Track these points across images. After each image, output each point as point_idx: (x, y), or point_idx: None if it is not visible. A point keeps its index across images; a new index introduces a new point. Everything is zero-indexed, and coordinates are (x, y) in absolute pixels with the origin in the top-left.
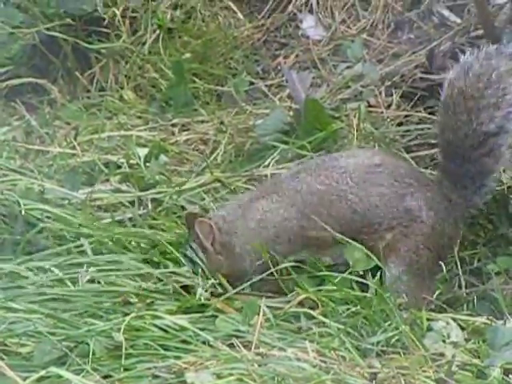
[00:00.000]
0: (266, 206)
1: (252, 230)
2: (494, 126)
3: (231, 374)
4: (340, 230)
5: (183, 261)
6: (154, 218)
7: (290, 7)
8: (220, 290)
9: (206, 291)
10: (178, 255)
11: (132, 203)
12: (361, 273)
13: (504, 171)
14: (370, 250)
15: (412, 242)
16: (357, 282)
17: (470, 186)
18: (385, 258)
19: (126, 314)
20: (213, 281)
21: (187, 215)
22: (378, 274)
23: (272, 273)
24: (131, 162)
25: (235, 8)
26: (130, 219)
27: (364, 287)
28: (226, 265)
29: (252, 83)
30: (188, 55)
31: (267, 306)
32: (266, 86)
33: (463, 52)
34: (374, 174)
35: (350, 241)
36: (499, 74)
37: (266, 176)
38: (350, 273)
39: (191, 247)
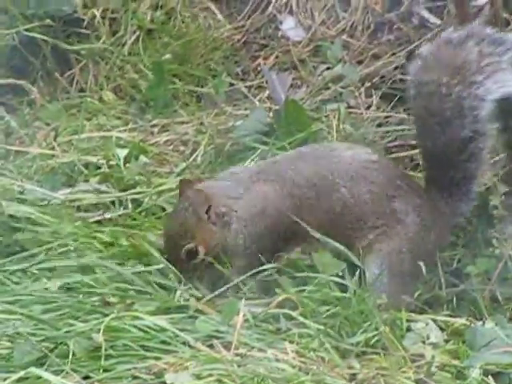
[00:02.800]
0: (266, 194)
1: (251, 217)
2: (468, 131)
3: (211, 375)
4: (329, 223)
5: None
6: (134, 219)
7: (270, 8)
8: (199, 293)
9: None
10: (156, 255)
11: (112, 204)
12: (341, 273)
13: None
14: (351, 247)
15: (395, 244)
16: (337, 282)
17: (455, 192)
18: (366, 256)
19: (106, 315)
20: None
21: (182, 181)
22: (358, 273)
23: (253, 273)
24: (111, 162)
25: (215, 9)
26: (110, 219)
27: (344, 287)
28: (218, 236)
29: (232, 84)
30: (168, 56)
31: (247, 307)
32: (246, 87)
33: None
34: (369, 170)
35: (329, 240)
36: (449, 84)
37: None
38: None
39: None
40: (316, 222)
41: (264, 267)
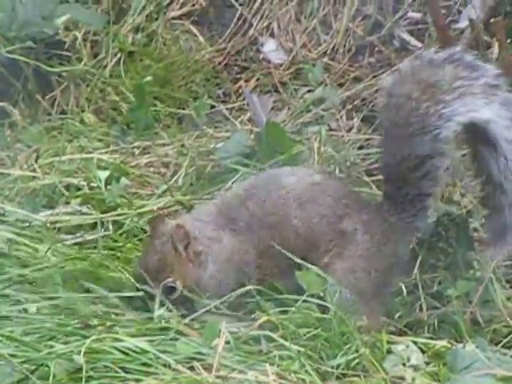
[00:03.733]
0: (230, 240)
1: (223, 262)
2: (427, 149)
3: None
4: (286, 260)
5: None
6: (115, 241)
7: (251, 31)
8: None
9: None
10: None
11: (93, 226)
12: (321, 294)
13: (464, 195)
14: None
15: (348, 265)
16: (317, 304)
17: (409, 208)
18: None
19: (87, 337)
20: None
21: (153, 218)
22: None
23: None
24: (92, 184)
25: (196, 31)
26: (91, 241)
27: (325, 309)
28: (195, 273)
29: (213, 106)
30: (149, 78)
31: (228, 329)
32: (227, 109)
33: None
34: (315, 192)
35: (306, 264)
36: (418, 99)
37: None
38: (311, 295)
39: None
40: (275, 263)
41: (244, 289)
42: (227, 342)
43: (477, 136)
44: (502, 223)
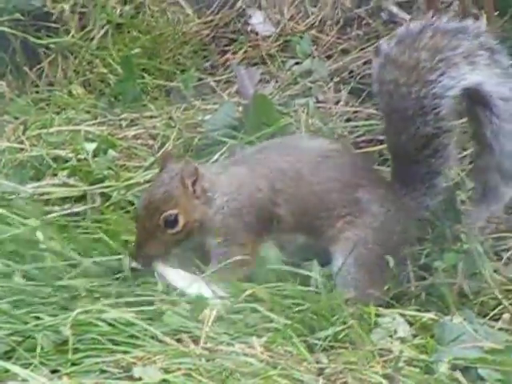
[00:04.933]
0: (243, 174)
1: (231, 193)
2: (431, 128)
3: (179, 369)
4: (300, 211)
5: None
6: (102, 213)
7: (239, 3)
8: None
9: None
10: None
11: (81, 198)
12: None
13: (451, 168)
14: (321, 236)
15: (361, 234)
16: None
17: (419, 187)
18: (333, 246)
19: (73, 310)
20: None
21: (164, 154)
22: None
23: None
24: (79, 156)
25: (184, 3)
26: (78, 213)
27: (308, 280)
28: (200, 210)
29: (201, 79)
30: (137, 50)
31: (215, 301)
32: (215, 81)
33: None
34: (333, 158)
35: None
36: (407, 84)
37: None
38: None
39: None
40: (288, 209)
41: (235, 258)
42: (214, 315)
43: (473, 100)
44: (487, 184)
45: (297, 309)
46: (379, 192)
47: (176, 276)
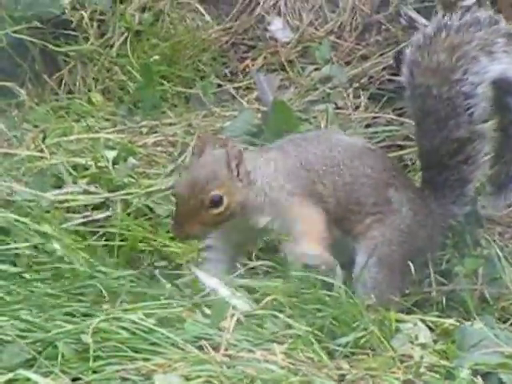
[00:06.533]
0: (281, 156)
1: (270, 175)
2: (464, 132)
3: (200, 376)
4: (334, 201)
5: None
6: (122, 220)
7: (258, 9)
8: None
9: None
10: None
11: (100, 205)
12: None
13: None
14: (350, 231)
15: (388, 234)
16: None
17: (449, 194)
18: (359, 242)
19: (95, 317)
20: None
21: (203, 138)
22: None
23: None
24: (99, 164)
25: (203, 10)
26: (98, 221)
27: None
28: (242, 193)
29: (220, 85)
30: (156, 57)
31: (236, 308)
32: (234, 88)
33: None
34: (367, 155)
35: None
36: (436, 85)
37: None
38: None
39: None
40: (327, 194)
41: (253, 264)
42: (235, 321)
43: (502, 89)
44: (509, 173)
45: (318, 315)
46: (409, 195)
47: (209, 280)
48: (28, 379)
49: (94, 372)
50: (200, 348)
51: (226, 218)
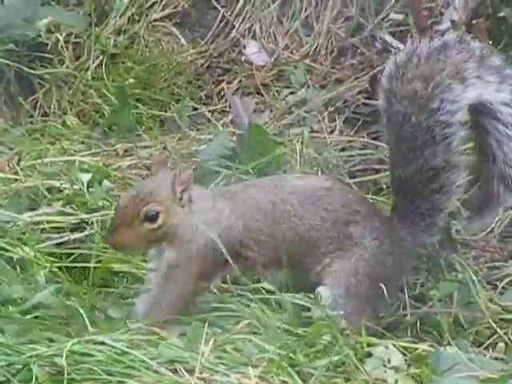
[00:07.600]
0: (223, 208)
1: (207, 221)
2: (440, 161)
3: None
4: (279, 250)
5: None
6: (97, 242)
7: (233, 33)
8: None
9: None
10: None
11: (76, 227)
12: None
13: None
14: (308, 272)
15: (351, 266)
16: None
17: (419, 223)
18: (323, 280)
19: (69, 340)
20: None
21: (158, 159)
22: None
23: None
24: (74, 187)
25: (178, 34)
26: (74, 241)
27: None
28: (180, 218)
29: (195, 108)
30: (131, 81)
31: (210, 331)
32: (210, 111)
33: None
34: (322, 197)
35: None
36: (414, 113)
37: None
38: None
39: None
40: (267, 248)
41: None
42: (209, 345)
43: (478, 111)
44: (488, 193)
45: (292, 338)
46: (373, 225)
47: None
48: None
49: None
50: (174, 371)
51: (158, 237)
